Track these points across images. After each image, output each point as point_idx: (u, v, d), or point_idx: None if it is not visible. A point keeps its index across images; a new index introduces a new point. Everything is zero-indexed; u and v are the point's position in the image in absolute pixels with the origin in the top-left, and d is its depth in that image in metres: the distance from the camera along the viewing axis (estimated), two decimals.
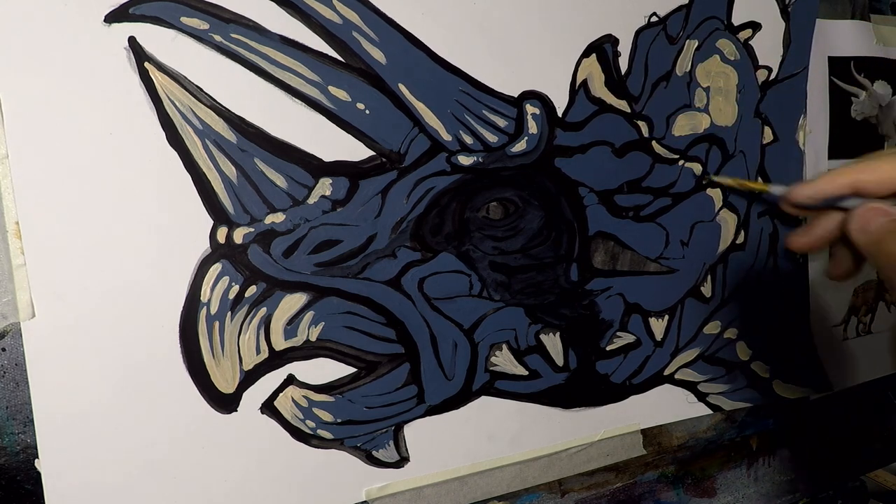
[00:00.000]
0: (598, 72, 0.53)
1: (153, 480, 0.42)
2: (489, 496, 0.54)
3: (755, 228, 0.63)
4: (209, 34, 0.41)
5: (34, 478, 0.40)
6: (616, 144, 0.55)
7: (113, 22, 0.39)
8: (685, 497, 0.66)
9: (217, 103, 0.42)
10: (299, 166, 0.44)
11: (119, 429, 0.41)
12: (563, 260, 0.54)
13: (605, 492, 0.61)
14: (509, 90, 0.50)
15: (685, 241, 0.59)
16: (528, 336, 0.53)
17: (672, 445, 0.64)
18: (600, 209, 0.54)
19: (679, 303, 0.60)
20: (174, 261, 0.42)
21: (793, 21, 0.62)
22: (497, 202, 0.51)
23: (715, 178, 0.59)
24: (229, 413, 0.44)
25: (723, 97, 0.59)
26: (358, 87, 0.45)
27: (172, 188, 0.41)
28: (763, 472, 0.71)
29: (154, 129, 0.40)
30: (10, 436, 0.40)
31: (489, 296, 0.51)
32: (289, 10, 0.43)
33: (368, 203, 0.46)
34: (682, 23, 0.57)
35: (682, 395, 0.62)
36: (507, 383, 0.53)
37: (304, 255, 0.45)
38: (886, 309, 0.74)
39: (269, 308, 0.44)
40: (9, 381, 0.39)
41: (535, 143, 0.51)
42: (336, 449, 0.48)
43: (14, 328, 0.39)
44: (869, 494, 0.83)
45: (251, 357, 0.44)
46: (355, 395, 0.48)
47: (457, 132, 0.48)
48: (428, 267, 0.49)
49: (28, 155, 0.38)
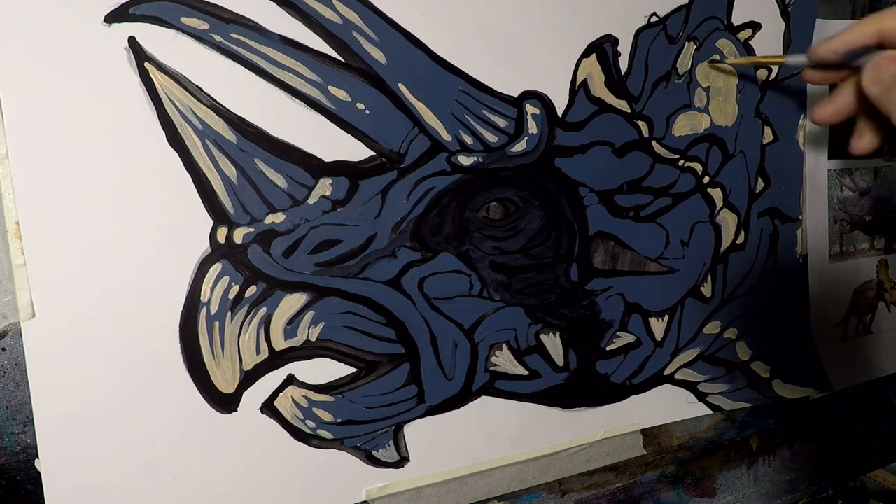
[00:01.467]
0: (598, 72, 0.53)
1: (153, 480, 0.42)
2: (489, 496, 0.54)
3: (755, 228, 0.63)
4: (209, 34, 0.41)
5: (34, 478, 0.40)
6: (616, 144, 0.55)
7: (113, 22, 0.39)
8: (685, 497, 0.66)
9: (217, 103, 0.42)
10: (299, 166, 0.44)
11: (119, 429, 0.41)
12: (564, 260, 0.54)
13: (605, 492, 0.61)
14: (509, 90, 0.50)
15: (685, 241, 0.59)
16: (528, 336, 0.53)
17: (672, 445, 0.64)
18: (600, 209, 0.54)
19: (679, 303, 0.60)
20: (174, 261, 0.42)
21: (793, 21, 0.62)
22: (497, 202, 0.51)
23: (728, 62, 0.58)
24: (229, 413, 0.44)
25: (723, 97, 0.59)
26: (358, 87, 0.45)
27: (172, 188, 0.41)
28: (763, 472, 0.71)
29: (154, 129, 0.40)
30: (10, 436, 0.40)
31: (489, 296, 0.51)
32: (289, 10, 0.43)
33: (368, 203, 0.46)
34: (682, 23, 0.57)
35: (682, 395, 0.62)
36: (507, 383, 0.53)
37: (304, 255, 0.45)
38: (886, 309, 0.74)
39: (269, 308, 0.44)
40: (9, 381, 0.39)
41: (535, 143, 0.51)
42: (336, 449, 0.48)
43: (14, 328, 0.39)
44: (869, 494, 0.83)
45: (251, 357, 0.44)
46: (355, 395, 0.48)
47: (457, 132, 0.48)
48: (428, 267, 0.49)
49: (28, 155, 0.38)
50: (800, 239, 0.66)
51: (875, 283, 0.73)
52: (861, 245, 0.72)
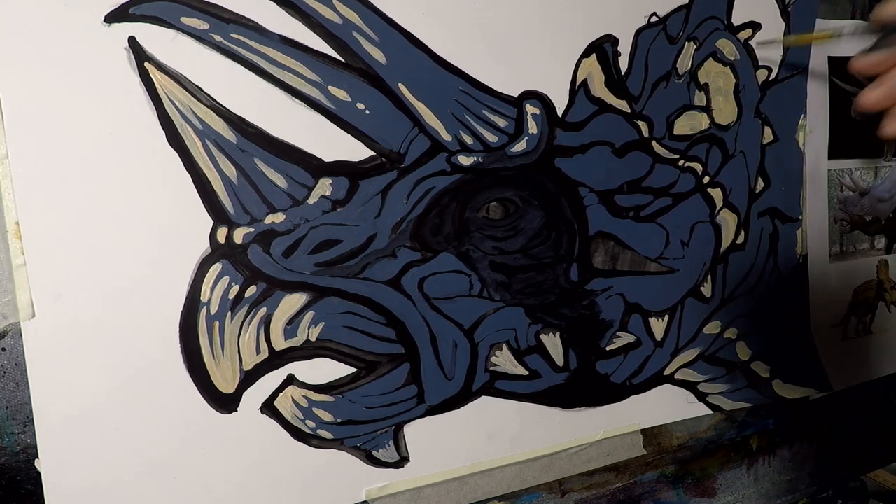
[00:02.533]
0: (598, 72, 0.53)
1: (153, 480, 0.42)
2: (489, 496, 0.54)
3: (755, 228, 0.63)
4: (209, 34, 0.41)
5: (34, 478, 0.40)
6: (616, 144, 0.55)
7: (113, 22, 0.39)
8: (685, 497, 0.66)
9: (217, 103, 0.42)
10: (299, 166, 0.44)
11: (119, 429, 0.41)
12: (564, 260, 0.54)
13: (605, 492, 0.61)
14: (509, 90, 0.50)
15: (685, 241, 0.59)
16: (528, 336, 0.53)
17: (672, 445, 0.64)
18: (600, 209, 0.54)
19: (679, 303, 0.60)
20: (174, 261, 0.42)
21: (793, 21, 0.62)
22: (497, 202, 0.51)
23: (784, 40, 0.57)
24: (229, 413, 0.44)
25: (723, 97, 0.59)
26: (358, 87, 0.45)
27: (172, 188, 0.41)
28: (763, 472, 0.71)
29: (154, 129, 0.40)
30: (10, 436, 0.40)
31: (489, 296, 0.51)
32: (289, 10, 0.43)
33: (368, 203, 0.46)
34: (682, 23, 0.57)
35: (682, 395, 0.62)
36: (507, 383, 0.53)
37: (304, 255, 0.45)
38: (886, 309, 0.74)
39: (269, 308, 0.44)
40: (9, 381, 0.39)
41: (536, 143, 0.51)
42: (336, 449, 0.48)
43: (14, 328, 0.39)
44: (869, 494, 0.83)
45: (251, 357, 0.44)
46: (355, 395, 0.48)
47: (457, 132, 0.48)
48: (428, 267, 0.49)
49: (28, 155, 0.38)
50: (800, 239, 0.66)
51: (875, 283, 0.73)
52: (861, 245, 0.72)
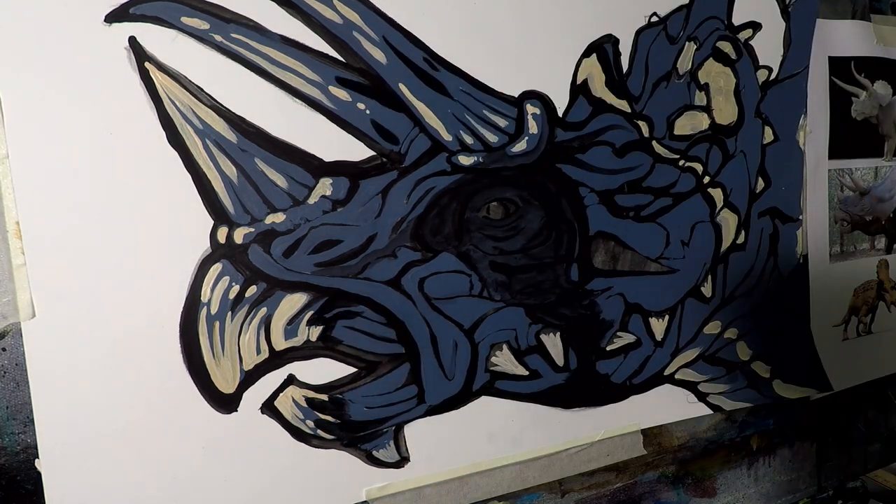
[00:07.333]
0: (599, 72, 0.53)
1: (153, 480, 0.42)
2: (489, 496, 0.54)
3: (755, 228, 0.63)
4: (210, 34, 0.41)
5: (34, 478, 0.40)
6: (616, 144, 0.55)
7: (113, 22, 0.39)
8: (685, 497, 0.66)
9: (217, 103, 0.42)
10: (300, 166, 0.44)
11: (119, 428, 0.41)
12: (564, 260, 0.54)
13: (605, 492, 0.61)
14: (509, 90, 0.50)
15: (685, 241, 0.59)
16: (528, 336, 0.53)
17: (672, 445, 0.64)
18: (601, 209, 0.54)
19: (679, 303, 0.60)
20: (174, 261, 0.42)
21: (793, 21, 0.62)
22: (497, 202, 0.51)
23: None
24: (229, 413, 0.44)
25: (723, 97, 0.59)
26: (358, 87, 0.45)
27: (172, 188, 0.41)
28: (763, 472, 0.71)
29: (154, 129, 0.40)
30: (10, 436, 0.40)
31: (489, 296, 0.51)
32: (289, 10, 0.43)
33: (369, 203, 0.46)
34: (683, 23, 0.57)
35: (682, 395, 0.62)
36: (508, 383, 0.53)
37: (305, 254, 0.45)
38: (886, 309, 0.74)
39: (269, 308, 0.44)
40: (9, 381, 0.39)
41: (536, 143, 0.51)
42: (336, 449, 0.48)
43: (14, 328, 0.39)
44: (869, 494, 0.83)
45: (251, 357, 0.44)
46: (355, 395, 0.48)
47: (457, 132, 0.48)
48: (428, 267, 0.49)
49: (28, 155, 0.38)
50: (800, 239, 0.66)
51: (875, 283, 0.73)
52: (861, 245, 0.72)
